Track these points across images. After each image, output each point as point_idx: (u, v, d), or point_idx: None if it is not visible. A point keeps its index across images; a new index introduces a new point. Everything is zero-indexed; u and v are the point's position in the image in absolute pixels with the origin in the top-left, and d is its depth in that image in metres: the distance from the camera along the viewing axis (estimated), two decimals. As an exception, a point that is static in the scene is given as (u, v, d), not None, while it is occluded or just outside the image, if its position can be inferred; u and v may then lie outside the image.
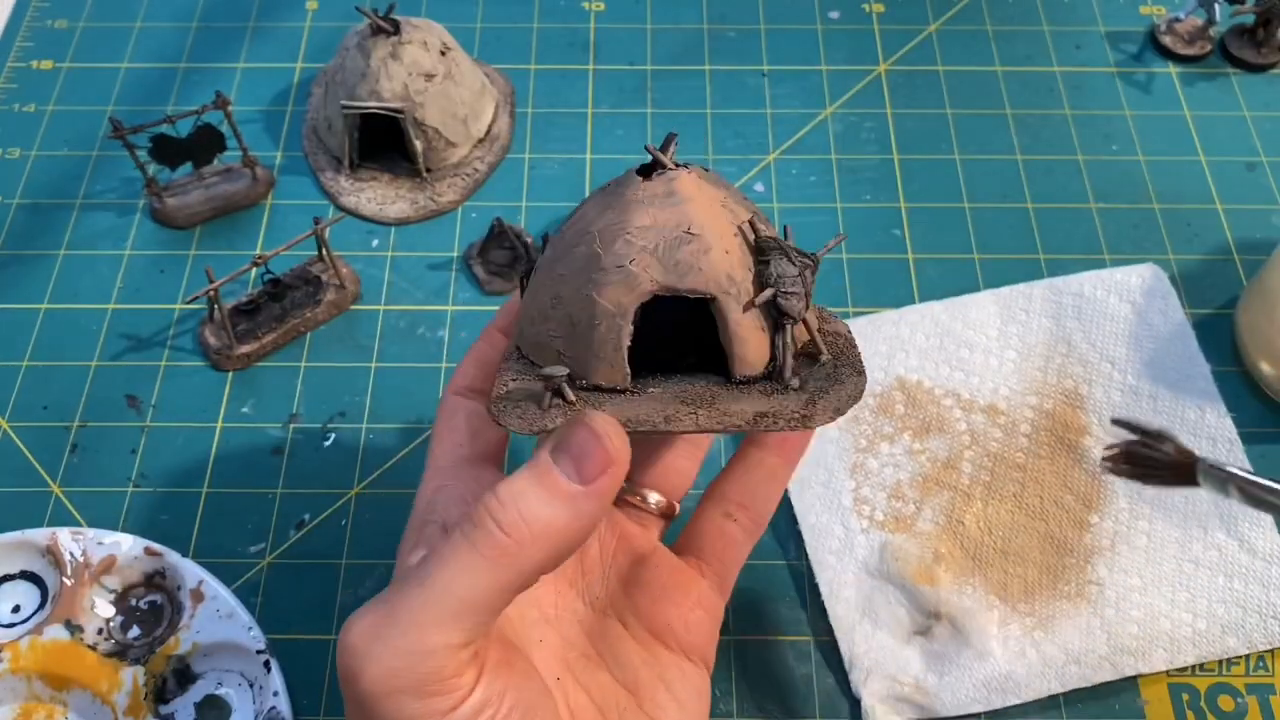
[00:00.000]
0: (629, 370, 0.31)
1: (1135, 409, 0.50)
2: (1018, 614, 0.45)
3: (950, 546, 0.47)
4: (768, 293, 0.31)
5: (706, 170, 0.33)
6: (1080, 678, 0.44)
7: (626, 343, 0.31)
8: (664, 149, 0.32)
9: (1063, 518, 0.48)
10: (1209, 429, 0.49)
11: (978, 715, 0.44)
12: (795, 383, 0.31)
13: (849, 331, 0.34)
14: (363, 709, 0.27)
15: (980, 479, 0.48)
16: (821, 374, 0.32)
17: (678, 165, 0.32)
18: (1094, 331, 0.52)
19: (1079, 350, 0.52)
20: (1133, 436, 0.34)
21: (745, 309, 0.31)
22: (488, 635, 0.29)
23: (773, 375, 0.32)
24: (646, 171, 0.32)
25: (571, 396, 0.31)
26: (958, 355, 0.52)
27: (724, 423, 0.30)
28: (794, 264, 0.31)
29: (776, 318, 0.31)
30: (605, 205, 0.31)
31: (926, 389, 0.51)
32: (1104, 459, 0.35)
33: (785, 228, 0.32)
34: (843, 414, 0.31)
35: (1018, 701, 0.43)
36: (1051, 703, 0.44)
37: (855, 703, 0.44)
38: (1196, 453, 0.32)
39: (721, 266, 0.30)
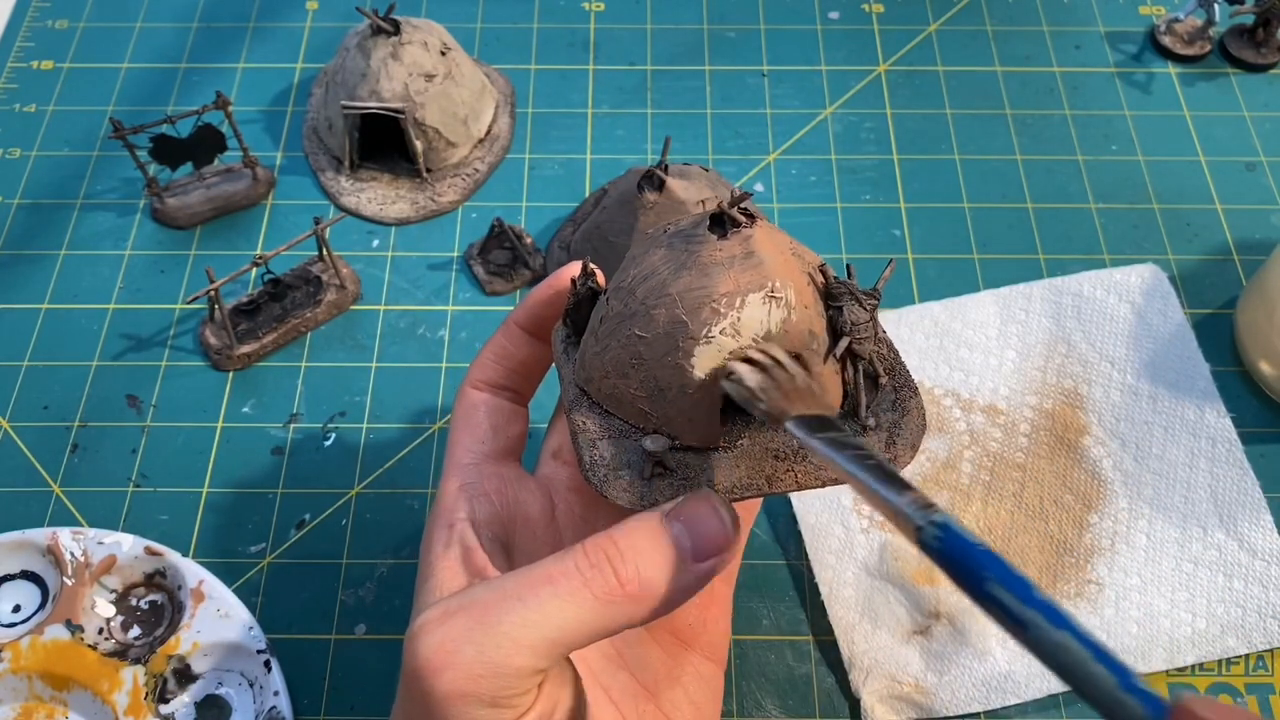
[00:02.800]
0: (721, 429, 0.31)
1: (1135, 409, 0.50)
2: None
3: None
4: (844, 342, 0.31)
5: (767, 221, 0.33)
6: None
7: (719, 405, 0.30)
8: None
9: (1062, 517, 0.48)
10: (1208, 428, 0.49)
11: (977, 715, 0.44)
12: (871, 421, 0.32)
13: (889, 337, 0.34)
14: (428, 705, 0.27)
15: (980, 479, 0.48)
16: (886, 401, 0.32)
17: (748, 217, 0.31)
18: (1094, 331, 0.52)
19: (1079, 350, 0.52)
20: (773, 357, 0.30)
21: (825, 359, 0.31)
22: None
23: (848, 414, 0.32)
24: (719, 224, 0.31)
25: (673, 464, 0.31)
26: (957, 355, 0.52)
27: (820, 477, 0.31)
28: (864, 308, 0.31)
29: (851, 360, 0.31)
30: (679, 264, 0.30)
31: (926, 389, 0.51)
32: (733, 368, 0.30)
33: (849, 267, 0.32)
34: (918, 449, 0.31)
35: (1017, 701, 0.43)
36: (1051, 703, 0.44)
37: (855, 702, 0.44)
38: (790, 414, 0.28)
39: (804, 324, 0.30)
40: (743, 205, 0.31)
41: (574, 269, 0.35)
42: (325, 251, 0.53)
